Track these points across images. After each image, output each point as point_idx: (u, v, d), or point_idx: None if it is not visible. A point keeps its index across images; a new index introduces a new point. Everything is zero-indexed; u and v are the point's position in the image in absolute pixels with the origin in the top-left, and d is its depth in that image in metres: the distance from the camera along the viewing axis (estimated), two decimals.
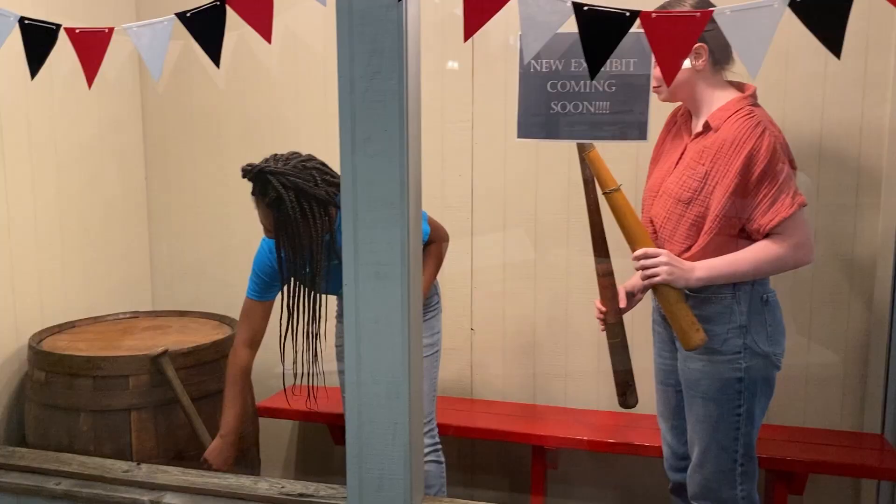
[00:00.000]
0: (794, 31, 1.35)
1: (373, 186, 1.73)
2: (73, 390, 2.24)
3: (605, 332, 2.18)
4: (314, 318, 2.24)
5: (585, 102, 1.72)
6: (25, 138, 2.58)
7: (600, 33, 1.47)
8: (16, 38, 1.85)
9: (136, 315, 2.85)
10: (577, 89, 1.72)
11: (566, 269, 2.78)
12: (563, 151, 2.71)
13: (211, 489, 2.02)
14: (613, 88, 1.71)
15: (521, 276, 2.83)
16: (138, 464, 2.13)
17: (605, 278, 2.13)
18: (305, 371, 2.24)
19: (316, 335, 2.27)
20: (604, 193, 1.94)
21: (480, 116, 2.78)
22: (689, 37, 1.50)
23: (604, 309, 2.14)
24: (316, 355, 2.30)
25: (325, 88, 2.94)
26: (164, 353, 2.28)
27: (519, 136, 1.80)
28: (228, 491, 2.00)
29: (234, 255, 3.20)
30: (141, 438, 2.27)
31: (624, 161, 2.39)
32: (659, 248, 1.94)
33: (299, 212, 2.06)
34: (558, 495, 2.81)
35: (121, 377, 2.24)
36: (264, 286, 2.28)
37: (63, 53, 1.76)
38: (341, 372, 2.45)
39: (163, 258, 3.27)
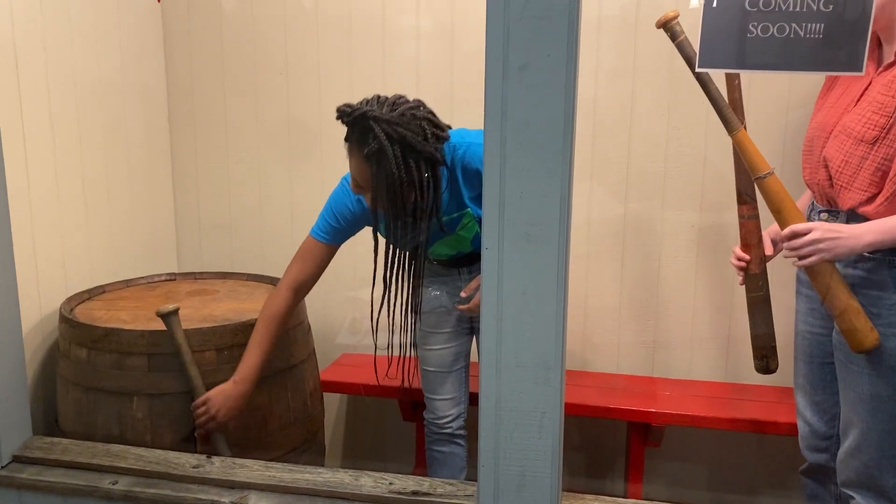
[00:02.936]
0: None
1: (528, 126, 1.39)
2: (124, 371, 1.88)
3: (744, 286, 1.91)
4: (416, 289, 1.92)
5: (794, 24, 1.39)
6: (43, 71, 2.16)
7: None
8: None
9: (172, 277, 2.47)
10: (783, 7, 1.40)
11: (660, 227, 2.49)
12: (663, 89, 2.39)
13: (304, 487, 1.71)
14: (830, 7, 1.38)
15: (607, 233, 2.53)
16: (209, 457, 1.81)
17: (751, 221, 1.85)
18: (403, 343, 1.93)
19: (417, 307, 1.95)
20: (755, 179, 1.65)
21: None
22: None
23: (747, 257, 1.86)
24: (416, 330, 1.99)
25: (385, 13, 2.56)
26: (176, 310, 1.89)
27: (699, 67, 1.47)
28: (326, 489, 1.70)
29: (270, 208, 2.83)
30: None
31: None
32: (835, 196, 1.66)
33: (404, 170, 1.71)
34: (656, 475, 2.57)
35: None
36: (337, 231, 1.94)
37: None
38: (418, 345, 2.15)
39: (188, 212, 2.88)
